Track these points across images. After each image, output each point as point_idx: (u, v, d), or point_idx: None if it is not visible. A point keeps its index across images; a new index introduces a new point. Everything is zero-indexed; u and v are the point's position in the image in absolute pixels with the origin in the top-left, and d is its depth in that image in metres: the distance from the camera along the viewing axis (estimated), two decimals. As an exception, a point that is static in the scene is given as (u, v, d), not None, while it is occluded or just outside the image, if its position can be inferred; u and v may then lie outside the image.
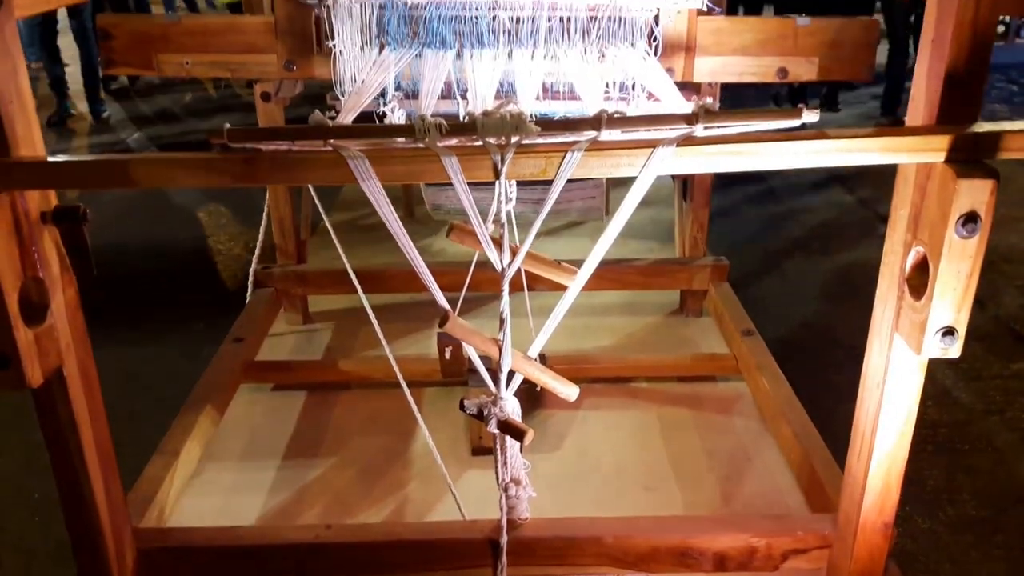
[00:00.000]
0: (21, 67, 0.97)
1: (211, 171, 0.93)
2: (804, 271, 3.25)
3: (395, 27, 1.60)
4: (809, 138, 0.95)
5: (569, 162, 0.95)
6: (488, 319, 1.28)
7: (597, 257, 1.03)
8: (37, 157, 0.96)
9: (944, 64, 0.95)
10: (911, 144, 0.95)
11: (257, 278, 2.24)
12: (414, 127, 0.98)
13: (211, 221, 3.68)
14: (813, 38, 1.70)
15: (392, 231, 0.98)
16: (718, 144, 0.95)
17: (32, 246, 0.98)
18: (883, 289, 1.10)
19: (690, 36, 1.70)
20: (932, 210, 0.97)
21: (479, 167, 0.96)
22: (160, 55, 1.71)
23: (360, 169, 0.93)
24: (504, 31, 1.60)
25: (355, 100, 1.34)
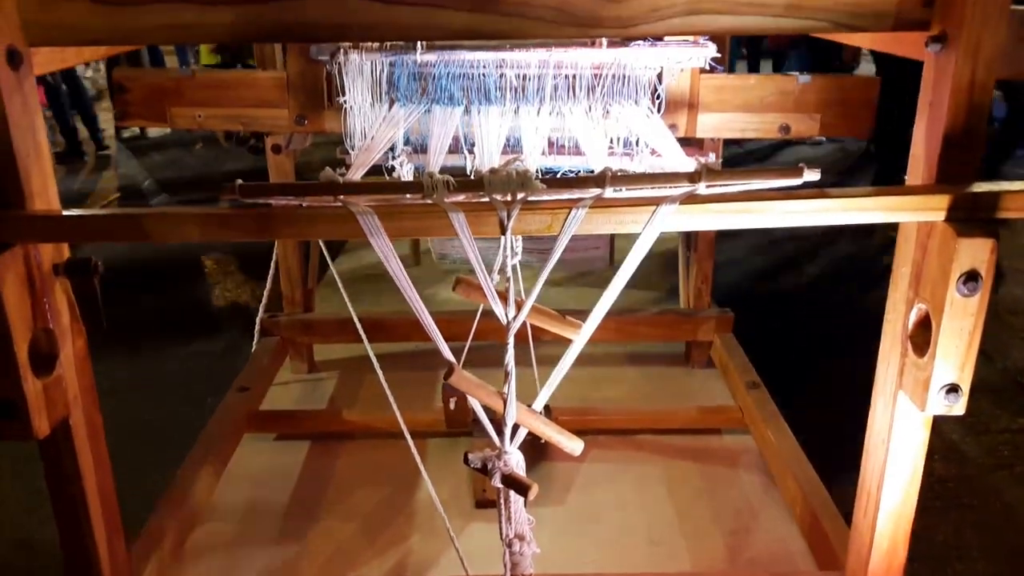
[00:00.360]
0: (39, 123, 1.00)
1: (223, 226, 0.95)
2: (809, 322, 3.25)
3: (405, 84, 1.63)
4: (810, 197, 0.96)
5: (574, 219, 0.97)
6: (493, 368, 1.29)
7: (602, 311, 1.04)
8: (52, 211, 0.98)
9: (942, 126, 0.97)
10: (911, 203, 0.96)
11: (264, 326, 2.25)
12: (423, 184, 1.00)
13: (218, 268, 3.71)
14: (815, 95, 1.73)
15: (400, 286, 0.99)
16: (721, 202, 0.97)
17: (44, 297, 1.00)
18: (886, 346, 1.11)
19: (693, 93, 1.73)
20: (933, 268, 0.99)
21: (486, 223, 0.98)
22: (173, 108, 1.75)
23: (369, 225, 0.95)
24: (511, 88, 1.63)
25: (365, 156, 1.36)
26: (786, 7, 0.98)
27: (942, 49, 0.96)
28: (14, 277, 0.94)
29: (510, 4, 0.96)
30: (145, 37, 1.00)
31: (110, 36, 1.00)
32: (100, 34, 0.99)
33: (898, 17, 0.99)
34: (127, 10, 0.97)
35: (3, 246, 0.94)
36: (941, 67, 0.97)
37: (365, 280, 2.82)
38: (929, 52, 0.98)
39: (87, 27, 0.98)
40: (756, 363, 2.16)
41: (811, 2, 0.98)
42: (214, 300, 3.48)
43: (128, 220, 0.96)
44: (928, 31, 0.98)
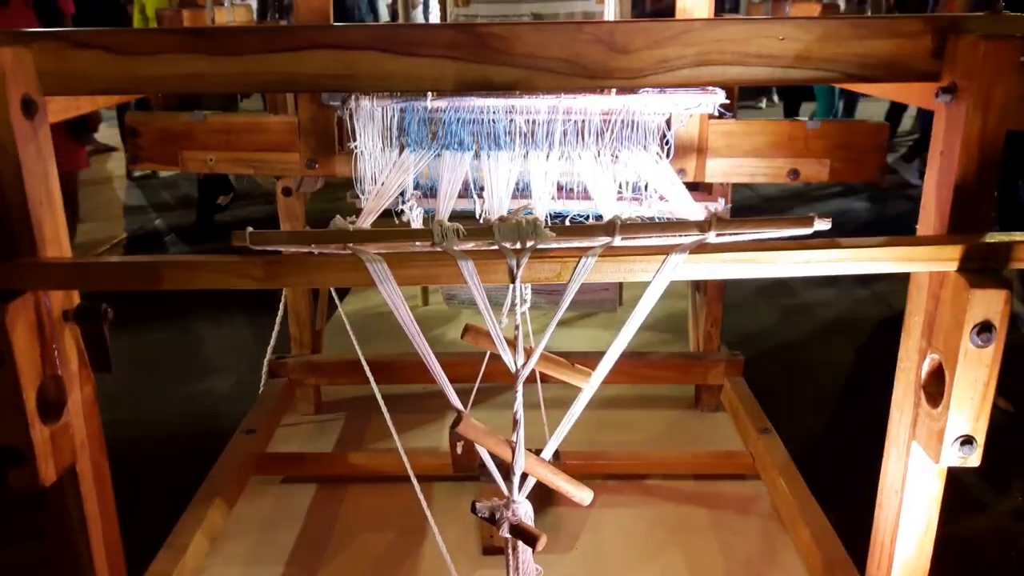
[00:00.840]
0: (52, 170, 1.01)
1: (233, 274, 0.95)
2: (820, 366, 3.22)
3: (415, 129, 1.64)
4: (821, 247, 0.96)
5: (584, 267, 0.96)
6: (501, 409, 1.28)
7: (611, 360, 1.03)
8: (63, 258, 0.99)
9: (953, 176, 0.97)
10: (923, 253, 0.96)
11: (272, 368, 2.24)
12: (432, 231, 1.00)
13: (225, 309, 3.72)
14: (824, 140, 1.74)
15: (408, 332, 0.99)
16: (730, 252, 0.96)
17: (53, 344, 1.00)
18: (899, 395, 1.10)
19: (702, 138, 1.74)
20: (946, 318, 0.98)
21: (495, 271, 0.98)
22: (185, 152, 1.77)
23: (378, 272, 0.95)
24: (520, 134, 1.65)
25: (375, 203, 1.37)
26: (795, 58, 0.98)
27: (952, 100, 0.96)
28: (24, 324, 0.94)
29: (520, 56, 0.97)
30: (157, 86, 1.01)
31: (123, 85, 1.01)
32: (114, 83, 1.00)
33: (908, 68, 0.99)
34: (140, 60, 0.98)
35: (14, 293, 0.94)
36: (952, 117, 0.97)
37: (374, 320, 2.82)
38: (939, 102, 0.98)
39: (101, 77, 0.99)
40: (767, 406, 2.14)
41: (821, 53, 0.98)
42: (221, 339, 3.48)
43: (139, 268, 0.96)
44: (938, 82, 0.99)
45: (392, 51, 0.98)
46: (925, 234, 1.02)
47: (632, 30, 0.97)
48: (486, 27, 0.97)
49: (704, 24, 0.97)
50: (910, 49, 0.99)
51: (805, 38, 0.98)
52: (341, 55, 0.98)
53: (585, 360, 2.02)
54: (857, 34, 0.98)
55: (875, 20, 0.99)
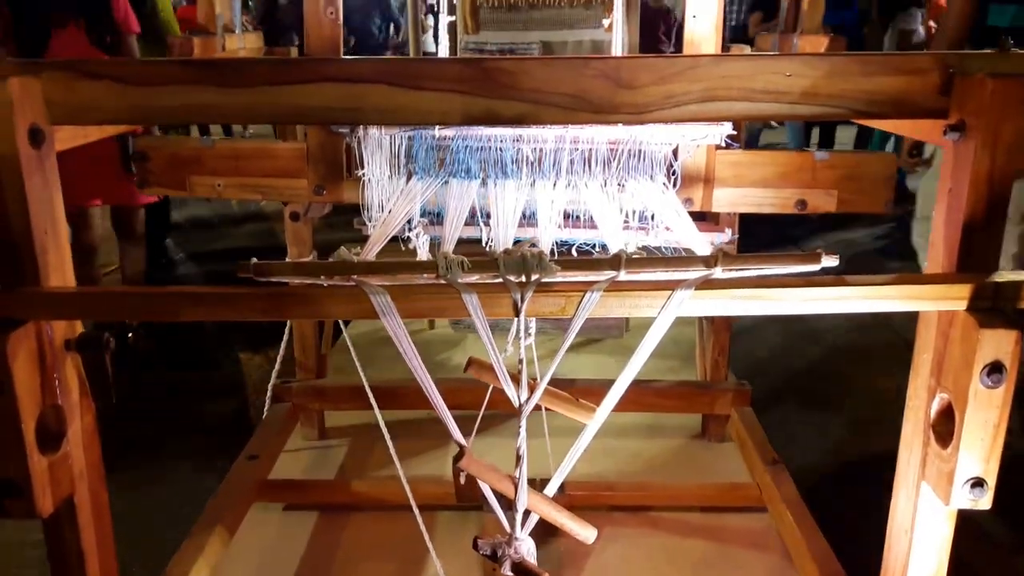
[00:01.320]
0: (58, 199, 1.01)
1: (237, 306, 0.94)
2: (828, 395, 3.19)
3: (423, 157, 1.65)
4: (828, 284, 0.95)
5: (588, 302, 0.96)
6: (505, 438, 1.26)
7: (615, 397, 1.02)
8: (66, 288, 0.98)
9: (962, 213, 0.96)
10: (932, 292, 0.95)
11: (276, 392, 2.23)
12: (437, 264, 1.00)
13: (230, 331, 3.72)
14: (832, 171, 1.73)
15: (411, 366, 0.98)
16: (736, 288, 0.96)
17: (54, 373, 0.99)
18: (908, 434, 1.08)
19: (708, 168, 1.73)
20: (955, 357, 0.96)
21: (499, 304, 0.97)
22: (193, 177, 1.77)
23: (382, 305, 0.95)
24: (527, 162, 1.65)
25: (382, 232, 1.37)
26: (802, 94, 0.98)
27: (961, 138, 0.96)
28: (26, 354, 0.94)
29: (527, 91, 0.97)
30: (165, 116, 1.01)
31: (132, 115, 1.02)
32: (122, 113, 1.01)
33: (915, 105, 0.99)
34: (149, 90, 0.99)
35: (16, 323, 0.94)
36: (960, 155, 0.97)
37: (379, 344, 2.80)
38: (947, 140, 0.97)
39: (110, 107, 0.99)
40: (774, 436, 2.12)
41: (828, 89, 0.98)
42: (225, 363, 3.47)
43: (141, 299, 0.96)
44: (946, 119, 0.98)
45: (400, 85, 0.98)
46: (934, 272, 1.01)
47: (638, 66, 0.97)
48: (493, 62, 0.98)
49: (710, 60, 0.97)
50: (917, 86, 0.98)
51: (812, 74, 0.97)
52: (349, 88, 0.98)
53: (590, 388, 2.01)
54: (864, 70, 0.98)
55: (882, 57, 0.99)
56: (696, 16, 1.71)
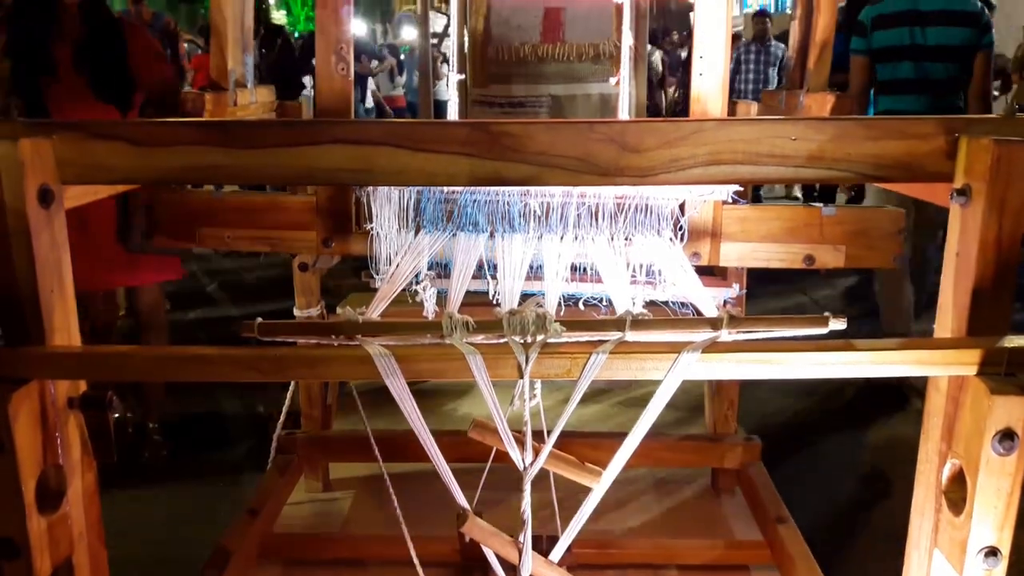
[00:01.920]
0: (66, 258, 1.01)
1: (242, 367, 0.94)
2: (837, 448, 3.15)
3: (431, 211, 1.66)
4: (836, 348, 0.94)
5: (594, 364, 0.95)
6: (511, 493, 1.25)
7: (621, 460, 1.01)
8: (71, 347, 0.98)
9: (971, 278, 0.95)
10: (941, 357, 0.93)
11: (280, 444, 2.22)
12: (441, 324, 1.00)
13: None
14: (839, 227, 1.73)
15: (415, 429, 0.97)
16: (743, 352, 0.95)
17: (56, 432, 0.99)
18: (919, 499, 1.06)
19: (716, 223, 1.73)
20: (966, 423, 0.95)
21: (504, 366, 0.97)
22: (203, 228, 1.78)
23: (386, 367, 0.94)
24: (534, 217, 1.65)
25: (388, 288, 1.37)
26: (808, 158, 0.98)
27: (967, 202, 0.95)
28: (27, 413, 0.94)
29: (532, 154, 0.98)
30: (176, 177, 1.02)
31: (142, 175, 1.03)
32: (132, 173, 1.02)
33: (921, 169, 0.99)
34: (159, 151, 1.00)
35: (20, 381, 0.94)
36: (967, 219, 0.96)
37: (387, 391, 2.80)
38: (954, 204, 0.97)
39: (120, 167, 1.00)
40: (784, 491, 2.08)
41: (833, 153, 0.98)
42: (230, 413, 3.45)
43: (145, 359, 0.96)
44: (952, 183, 0.98)
45: (408, 147, 0.99)
46: (943, 336, 1.00)
47: (643, 130, 0.98)
48: (499, 125, 0.98)
49: (715, 124, 0.98)
50: (922, 150, 0.98)
51: (817, 138, 0.98)
52: (358, 150, 0.98)
53: (597, 442, 2.00)
54: (869, 134, 0.98)
55: (887, 121, 0.99)
56: (703, 74, 1.73)
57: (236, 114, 1.74)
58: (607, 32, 2.31)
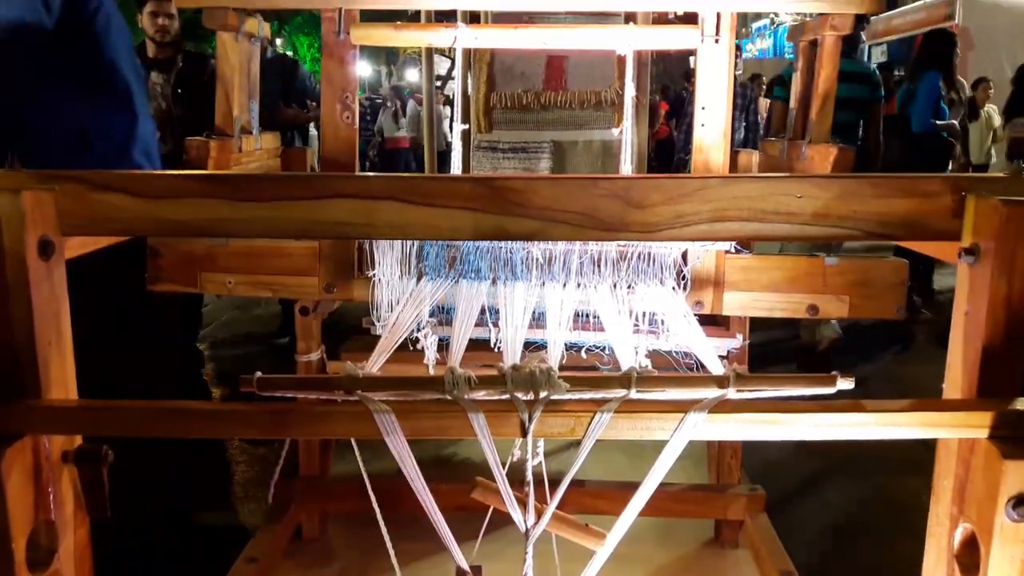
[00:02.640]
0: (65, 310, 1.00)
1: (239, 423, 0.93)
2: (843, 499, 3.10)
3: (433, 258, 1.65)
4: (844, 410, 0.92)
5: (598, 423, 0.93)
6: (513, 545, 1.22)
7: (626, 523, 0.99)
8: (67, 401, 0.97)
9: (980, 339, 0.94)
10: (951, 420, 0.92)
11: (277, 490, 2.19)
12: (443, 380, 0.98)
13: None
14: (842, 277, 1.72)
15: (415, 488, 0.95)
16: (750, 412, 0.93)
17: (49, 487, 0.97)
18: (930, 564, 1.03)
19: (718, 272, 1.73)
20: (978, 487, 0.93)
21: (506, 424, 0.95)
22: (205, 274, 1.78)
23: (386, 424, 0.93)
24: (537, 265, 1.65)
25: (389, 340, 1.36)
26: (813, 215, 0.98)
27: (975, 261, 0.95)
28: (20, 469, 0.92)
29: (536, 209, 0.97)
30: (178, 230, 1.01)
31: (143, 227, 1.02)
32: (134, 225, 1.01)
33: (928, 227, 0.98)
34: (161, 203, 0.99)
35: (13, 436, 0.92)
36: (976, 279, 0.95)
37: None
38: (962, 263, 0.96)
39: (122, 218, 1.00)
40: (789, 544, 2.05)
41: (839, 211, 0.98)
42: (229, 458, 3.40)
43: (145, 414, 0.94)
44: (960, 241, 0.97)
45: (411, 201, 0.98)
46: (952, 397, 0.98)
47: (647, 186, 0.97)
48: (503, 180, 0.98)
49: (720, 181, 0.97)
50: (929, 208, 0.98)
51: (823, 196, 0.97)
52: (362, 204, 0.98)
53: (601, 491, 1.97)
54: (875, 192, 0.98)
55: (892, 179, 0.99)
56: (704, 125, 1.74)
57: (241, 160, 1.75)
58: (609, 80, 2.33)
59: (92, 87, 1.76)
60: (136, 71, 1.81)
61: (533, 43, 1.85)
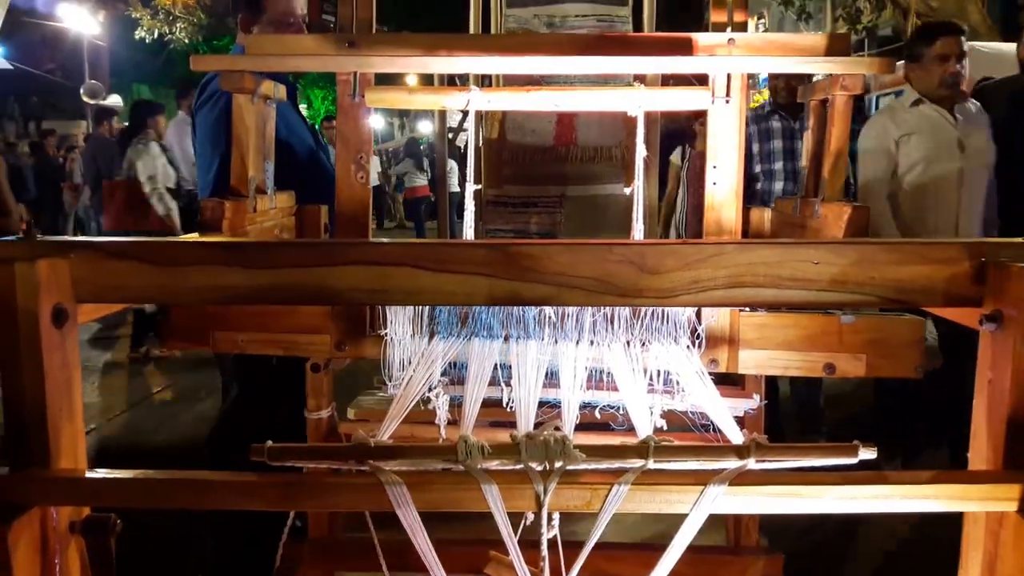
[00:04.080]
0: (76, 379, 1.00)
1: (248, 494, 0.91)
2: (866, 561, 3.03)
3: (446, 317, 1.64)
4: (868, 482, 0.90)
5: (616, 496, 0.91)
6: None
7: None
8: (76, 472, 0.96)
9: (1006, 406, 0.92)
10: (978, 492, 0.89)
11: (285, 553, 2.15)
12: (455, 448, 0.96)
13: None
14: (859, 335, 1.70)
15: (427, 564, 0.93)
16: (771, 485, 0.91)
17: (55, 558, 0.95)
18: (961, 639, 1.00)
19: (733, 330, 1.71)
20: (1008, 563, 0.90)
21: (521, 497, 0.93)
22: (217, 332, 1.77)
23: (397, 496, 0.91)
24: (550, 323, 1.64)
25: (401, 404, 1.34)
26: (831, 282, 0.97)
27: (998, 328, 0.93)
28: (28, 540, 0.91)
29: (551, 274, 0.97)
30: (192, 297, 1.01)
31: (157, 295, 1.02)
32: (147, 292, 1.01)
33: (948, 294, 0.97)
34: (175, 271, 0.99)
35: (21, 508, 0.91)
36: (999, 346, 0.94)
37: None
38: (984, 330, 0.95)
39: (135, 286, 1.00)
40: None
41: (856, 277, 0.97)
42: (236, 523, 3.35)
43: (155, 485, 0.93)
44: (981, 307, 0.96)
45: (425, 267, 0.98)
46: (978, 468, 0.96)
47: (662, 252, 0.97)
48: (517, 246, 0.98)
49: (736, 248, 0.97)
50: (948, 275, 0.96)
51: (840, 262, 0.96)
52: (375, 271, 0.98)
53: (611, 553, 1.92)
54: (892, 259, 0.97)
55: (909, 245, 0.98)
56: (716, 183, 1.74)
57: (255, 220, 1.76)
58: (619, 135, 2.35)
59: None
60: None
61: (545, 105, 1.86)
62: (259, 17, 2.53)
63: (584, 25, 2.69)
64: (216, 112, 2.38)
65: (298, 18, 2.59)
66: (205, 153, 2.46)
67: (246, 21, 2.55)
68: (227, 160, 2.30)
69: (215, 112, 2.39)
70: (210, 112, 2.42)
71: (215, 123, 2.38)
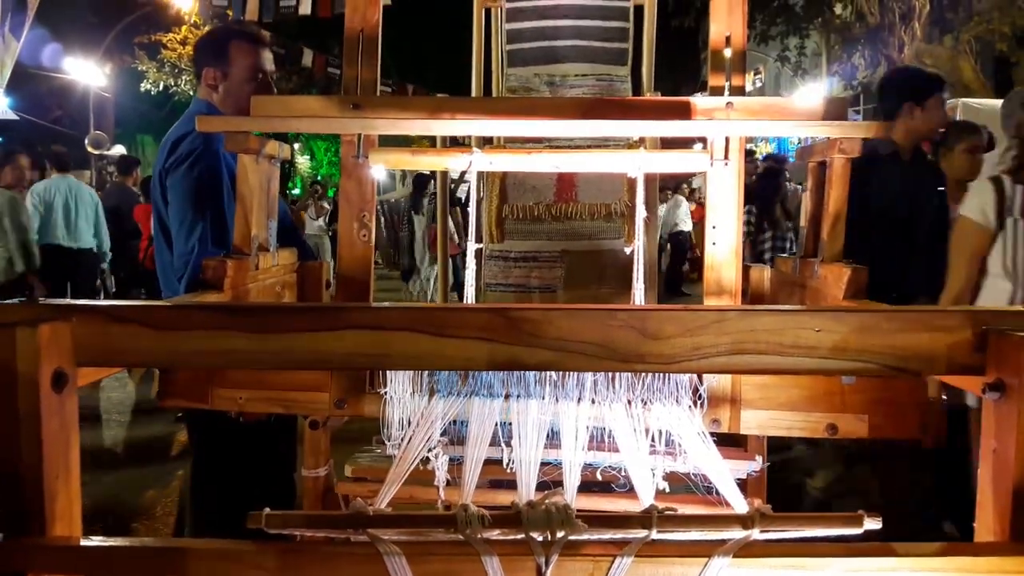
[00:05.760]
0: (75, 443, 0.99)
1: (244, 564, 0.90)
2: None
3: (446, 376, 1.64)
4: (874, 553, 0.89)
5: (619, 568, 0.90)
6: None
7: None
8: (72, 540, 0.94)
9: (1011, 477, 0.91)
10: (986, 565, 0.88)
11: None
12: (456, 517, 0.95)
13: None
14: (861, 395, 1.69)
15: (425, 636, 0.91)
16: (777, 556, 0.90)
17: (48, 629, 0.94)
18: None
19: (735, 390, 1.70)
20: (1019, 638, 0.88)
21: (521, 569, 0.92)
22: (216, 389, 1.76)
23: (396, 568, 0.90)
24: (550, 382, 1.63)
25: (399, 471, 1.33)
26: (832, 349, 0.97)
27: (1001, 397, 0.93)
28: (20, 612, 0.89)
29: (551, 339, 0.97)
30: (193, 360, 1.01)
31: (158, 359, 1.02)
32: (148, 357, 1.01)
33: (950, 362, 0.97)
34: (176, 335, 0.99)
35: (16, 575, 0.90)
36: (1002, 414, 0.93)
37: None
38: (987, 399, 0.94)
39: (137, 349, 1.00)
40: None
41: (858, 345, 0.97)
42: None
43: (152, 553, 0.91)
44: (983, 375, 0.96)
45: (426, 332, 0.98)
46: (984, 539, 0.95)
47: (664, 318, 0.97)
48: (518, 311, 0.98)
49: (738, 314, 0.97)
50: (950, 343, 0.96)
51: (841, 330, 0.96)
52: (375, 335, 0.98)
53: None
54: (893, 327, 0.97)
55: (910, 313, 0.98)
56: (716, 243, 1.75)
57: (258, 278, 1.76)
58: (618, 192, 2.37)
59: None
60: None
61: (546, 167, 1.89)
62: (226, 72, 2.46)
63: (584, 84, 2.75)
64: (196, 173, 2.30)
65: (267, 74, 2.52)
66: (184, 215, 2.31)
67: (213, 77, 2.48)
68: (217, 220, 2.30)
69: (194, 173, 2.30)
70: (188, 173, 2.31)
71: (194, 185, 2.29)
